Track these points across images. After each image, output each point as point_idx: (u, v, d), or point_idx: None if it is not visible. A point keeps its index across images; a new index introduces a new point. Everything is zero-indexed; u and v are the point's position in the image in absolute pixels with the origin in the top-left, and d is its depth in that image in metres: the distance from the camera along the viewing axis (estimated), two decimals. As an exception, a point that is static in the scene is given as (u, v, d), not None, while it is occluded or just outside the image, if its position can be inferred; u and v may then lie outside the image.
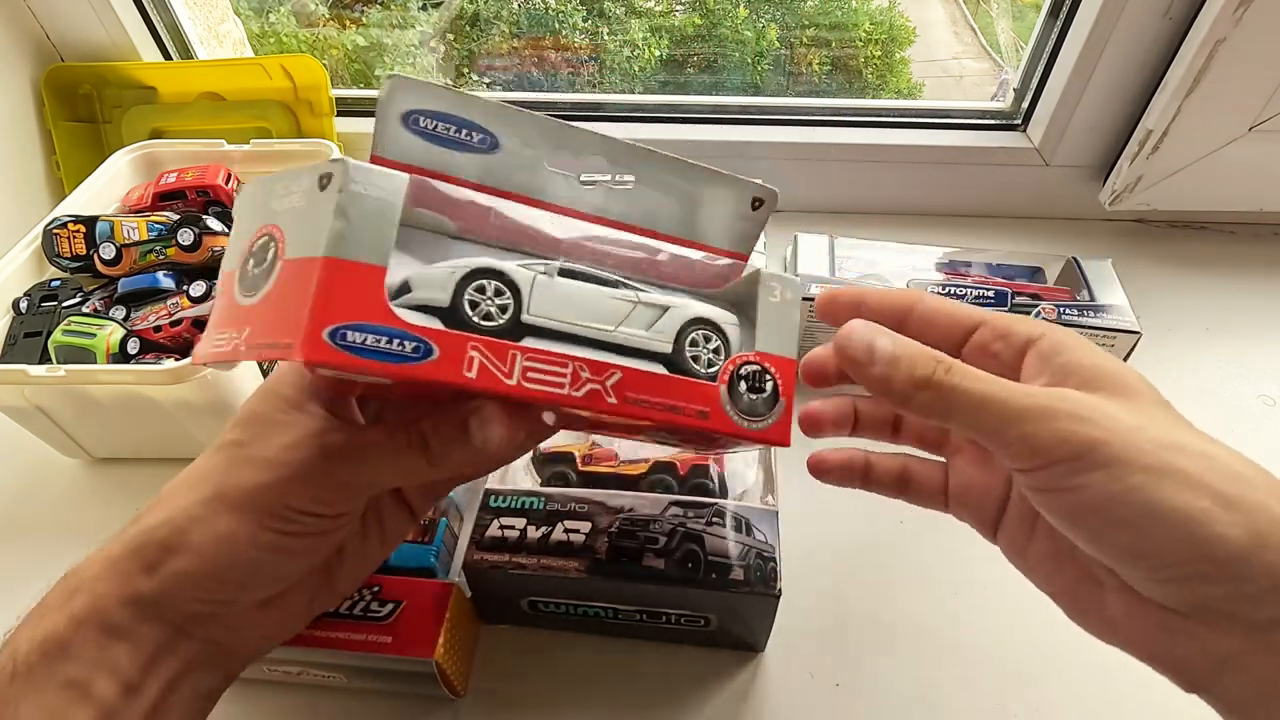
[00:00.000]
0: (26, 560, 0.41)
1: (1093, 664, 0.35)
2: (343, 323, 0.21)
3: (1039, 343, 0.24)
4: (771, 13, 2.44)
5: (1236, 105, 0.50)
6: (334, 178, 0.21)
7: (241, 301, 0.22)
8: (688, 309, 0.26)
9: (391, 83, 0.24)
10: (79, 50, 0.60)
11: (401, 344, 0.21)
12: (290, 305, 0.21)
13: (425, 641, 0.31)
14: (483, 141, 0.25)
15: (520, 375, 0.23)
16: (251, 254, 0.22)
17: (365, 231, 0.21)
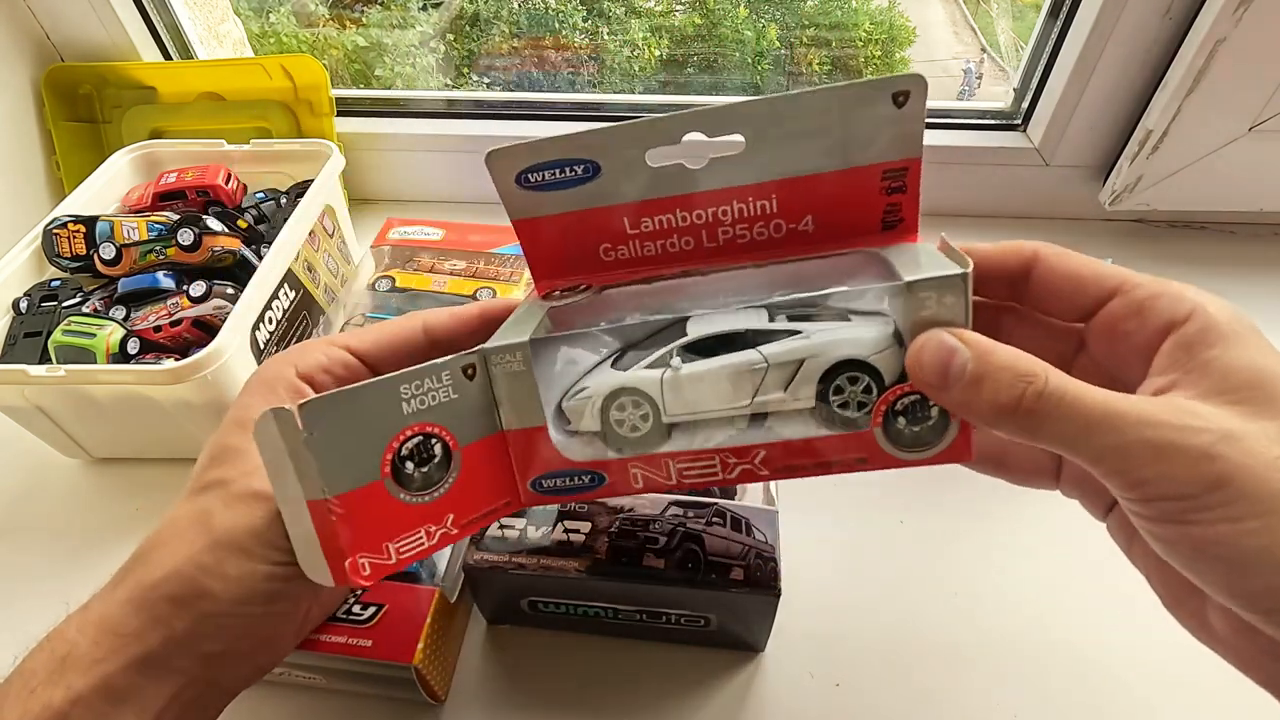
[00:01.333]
0: (27, 560, 0.41)
1: (1092, 664, 0.35)
2: (538, 475, 0.27)
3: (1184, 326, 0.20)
4: (771, 13, 2.44)
5: (1236, 105, 0.50)
6: (477, 368, 0.25)
7: (421, 500, 0.25)
8: (826, 354, 0.24)
9: (491, 158, 0.26)
10: (79, 50, 0.60)
11: (581, 479, 0.27)
12: (490, 477, 0.26)
13: (405, 646, 0.31)
14: (586, 170, 0.27)
15: (678, 476, 0.26)
16: (404, 459, 0.24)
17: (519, 401, 0.25)
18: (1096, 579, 0.38)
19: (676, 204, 0.27)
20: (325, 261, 0.51)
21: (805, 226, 0.27)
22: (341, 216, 0.55)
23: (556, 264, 0.29)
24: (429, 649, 0.31)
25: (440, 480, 0.25)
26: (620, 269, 0.29)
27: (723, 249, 0.28)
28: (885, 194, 0.26)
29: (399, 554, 0.24)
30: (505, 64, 2.41)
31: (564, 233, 0.28)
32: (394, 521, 0.24)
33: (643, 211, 0.27)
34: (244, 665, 0.26)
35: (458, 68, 2.32)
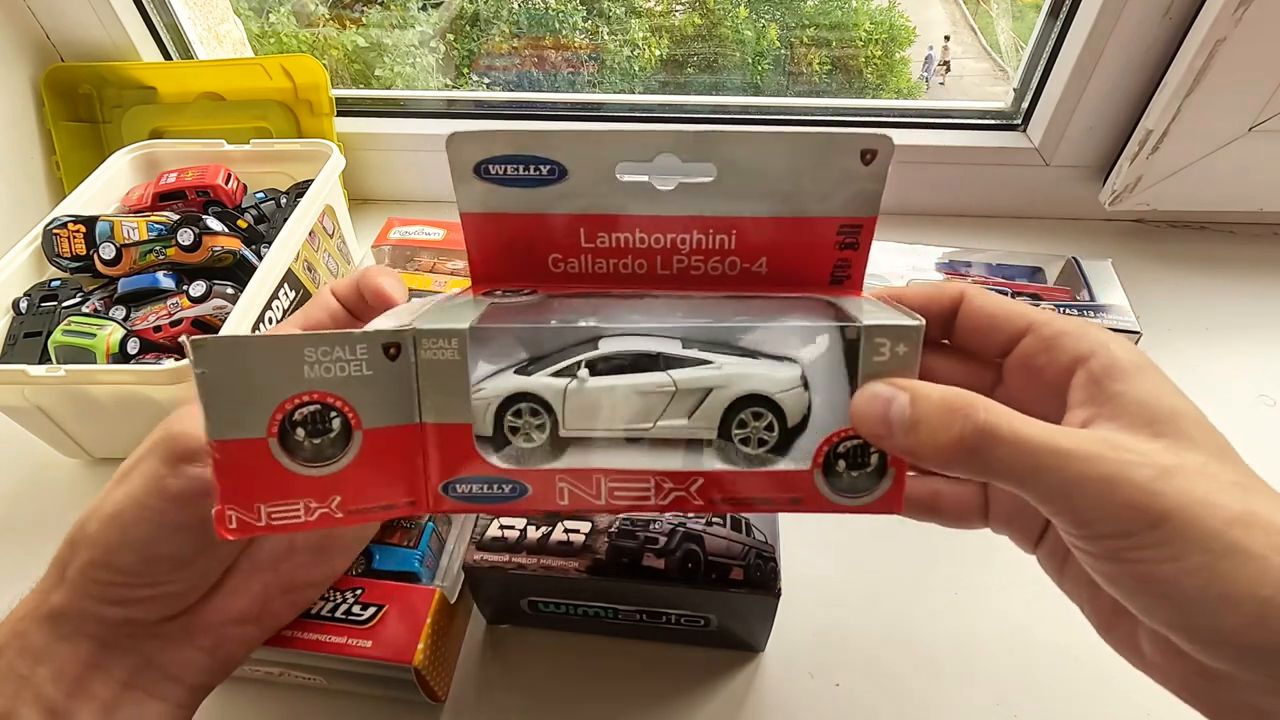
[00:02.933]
0: (27, 560, 0.41)
1: (1092, 664, 0.35)
2: (452, 478, 0.24)
3: (1089, 363, 0.21)
4: (771, 13, 2.44)
5: (1236, 105, 0.50)
6: (403, 348, 0.22)
7: (307, 471, 0.23)
8: (734, 386, 0.24)
9: (453, 140, 0.25)
10: (79, 50, 0.60)
11: (500, 488, 0.24)
12: (392, 469, 0.23)
13: (405, 647, 0.31)
14: (551, 172, 0.26)
15: (607, 495, 0.24)
16: (295, 424, 0.22)
17: (446, 394, 0.23)
18: (1096, 579, 0.38)
19: (638, 223, 0.26)
20: (325, 261, 0.51)
21: (759, 268, 0.27)
22: (341, 216, 0.55)
23: (501, 267, 0.28)
24: (429, 649, 0.31)
25: (332, 457, 0.23)
26: (567, 282, 0.28)
27: (675, 278, 0.27)
28: (838, 248, 0.26)
29: (270, 519, 0.22)
30: (505, 64, 2.41)
31: (515, 235, 0.27)
32: (273, 485, 0.22)
33: (602, 226, 0.26)
34: (182, 646, 0.25)
35: (458, 68, 2.32)
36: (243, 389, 0.22)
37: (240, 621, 0.26)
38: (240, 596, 0.26)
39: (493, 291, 0.27)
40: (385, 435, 0.23)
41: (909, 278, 0.48)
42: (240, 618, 0.26)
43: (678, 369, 0.24)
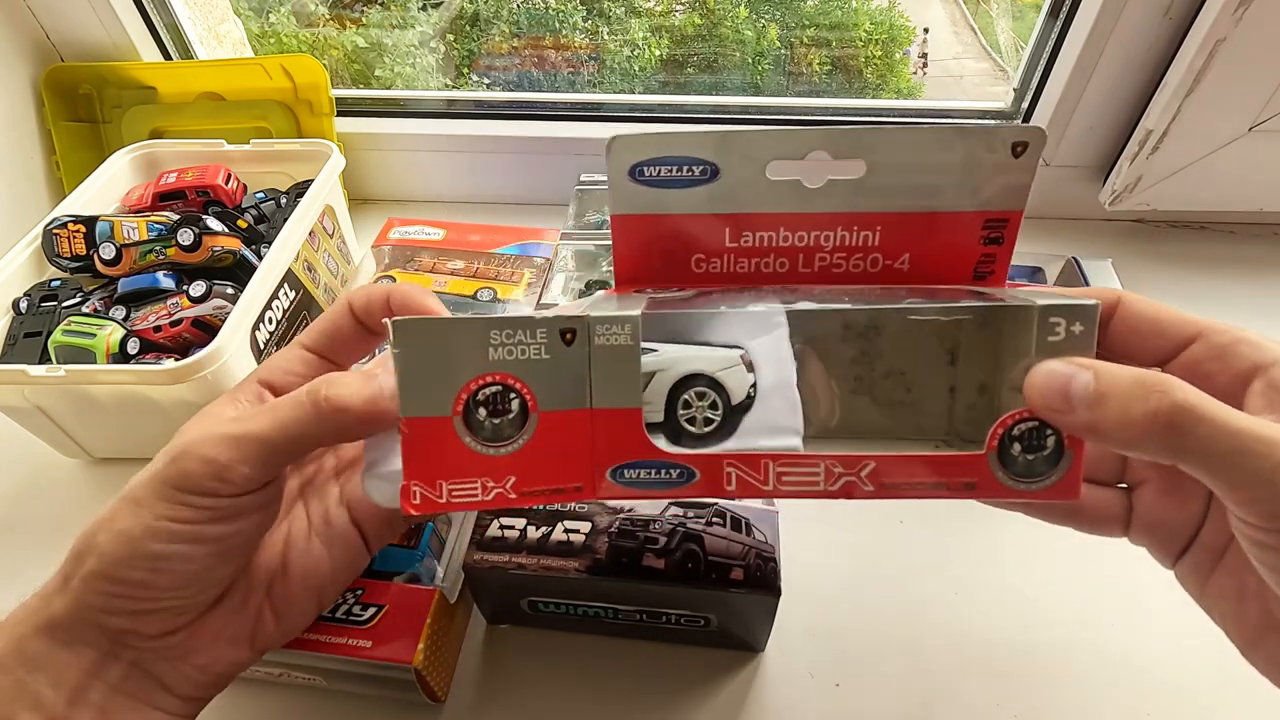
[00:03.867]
0: (27, 560, 0.41)
1: (1092, 664, 0.35)
2: (621, 463, 0.24)
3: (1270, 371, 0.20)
4: (771, 13, 2.44)
5: (1236, 105, 0.50)
6: (578, 333, 0.23)
7: (485, 451, 0.24)
8: (675, 368, 0.25)
9: (614, 144, 0.25)
10: (79, 50, 0.60)
11: (669, 473, 0.24)
12: (563, 452, 0.24)
13: (405, 647, 0.31)
14: (704, 172, 0.26)
15: (776, 481, 0.24)
16: (478, 403, 0.23)
17: (618, 380, 0.23)
18: (1097, 579, 0.38)
19: (782, 221, 0.27)
20: (325, 261, 0.51)
21: (901, 264, 0.27)
22: (341, 216, 0.55)
23: (646, 268, 0.28)
24: (429, 649, 0.31)
25: (511, 437, 0.24)
26: (709, 282, 0.28)
27: (816, 275, 0.27)
28: (982, 243, 0.26)
29: (451, 496, 0.24)
30: (505, 64, 2.41)
31: (662, 236, 0.27)
32: (455, 463, 0.23)
33: (748, 224, 0.27)
34: (179, 661, 0.25)
35: (458, 68, 2.32)
36: (434, 368, 0.23)
37: (234, 641, 0.26)
38: (236, 617, 0.26)
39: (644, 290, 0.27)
40: (558, 419, 0.24)
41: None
42: (234, 637, 0.26)
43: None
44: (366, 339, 0.29)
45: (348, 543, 0.29)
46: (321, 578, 0.28)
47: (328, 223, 0.52)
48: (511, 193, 0.66)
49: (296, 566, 0.28)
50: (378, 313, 0.28)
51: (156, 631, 0.24)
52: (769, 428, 0.24)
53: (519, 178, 0.64)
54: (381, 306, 0.28)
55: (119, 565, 0.23)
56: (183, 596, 0.24)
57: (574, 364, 0.23)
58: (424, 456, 0.23)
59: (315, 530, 0.28)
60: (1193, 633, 0.36)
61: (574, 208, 0.53)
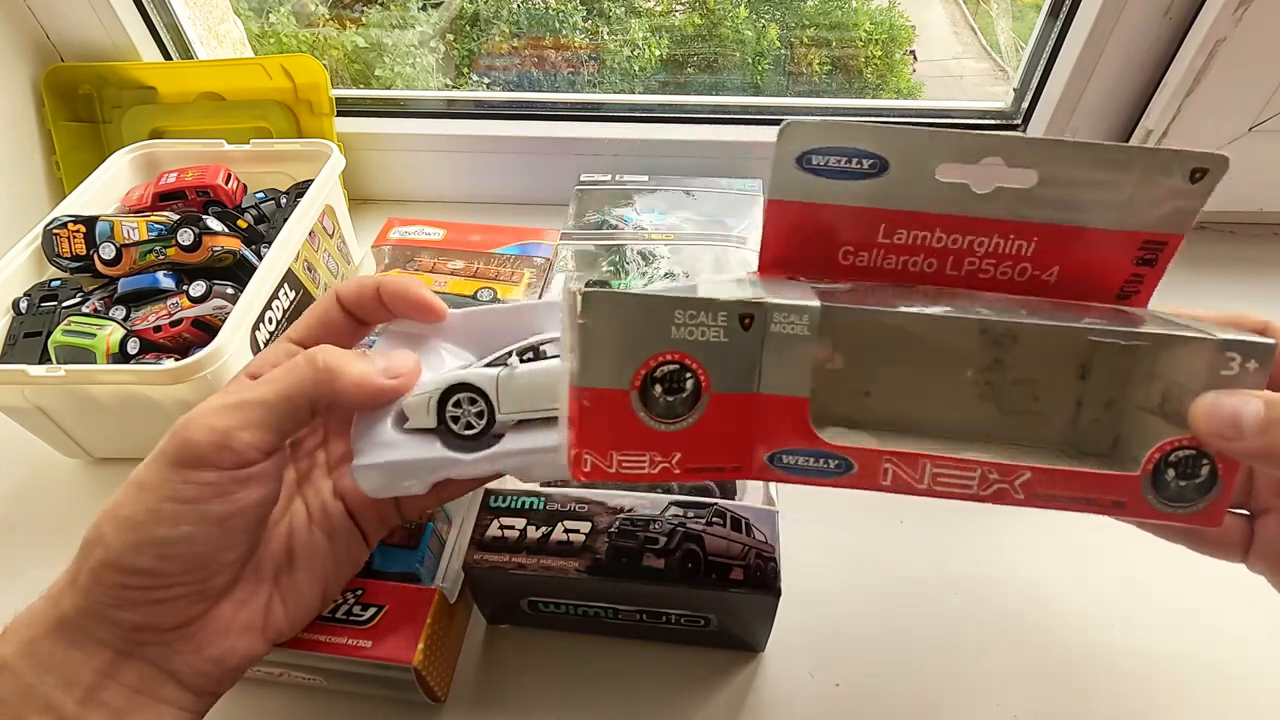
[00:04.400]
0: (27, 560, 0.41)
1: (1093, 664, 0.35)
2: (780, 449, 0.25)
3: None
4: (771, 13, 2.44)
5: (1236, 105, 0.50)
6: (755, 319, 0.23)
7: (657, 427, 0.24)
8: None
9: (787, 129, 0.25)
10: (79, 50, 0.60)
11: (826, 462, 0.25)
12: (728, 433, 0.25)
13: (405, 647, 0.31)
14: (873, 166, 0.26)
15: (931, 480, 0.25)
16: (656, 380, 0.24)
17: (788, 367, 0.24)
18: (1098, 579, 0.38)
19: (938, 222, 0.27)
20: (325, 261, 0.51)
21: (1048, 277, 0.27)
22: (341, 216, 0.55)
23: (792, 254, 0.28)
24: (429, 649, 0.31)
25: (682, 415, 0.24)
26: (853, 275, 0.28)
27: (962, 279, 0.28)
28: (1134, 263, 0.27)
29: (621, 467, 0.24)
30: (505, 64, 2.41)
31: (814, 224, 0.27)
32: (627, 436, 0.24)
33: (904, 222, 0.27)
34: (193, 654, 0.25)
35: (458, 68, 2.32)
36: (618, 342, 0.23)
37: (246, 631, 0.26)
38: (246, 606, 0.26)
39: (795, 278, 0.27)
40: (727, 400, 0.24)
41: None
42: (246, 627, 0.26)
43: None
44: (355, 330, 0.30)
45: (346, 534, 0.29)
46: (326, 567, 0.29)
47: (328, 223, 0.52)
48: (511, 193, 0.66)
49: (301, 557, 0.28)
50: (368, 304, 0.29)
51: (170, 623, 0.24)
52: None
53: (519, 178, 0.64)
54: (372, 297, 0.29)
55: (126, 553, 0.23)
56: (192, 582, 0.24)
57: (748, 348, 0.24)
58: (597, 427, 0.24)
59: (315, 522, 0.29)
60: (1194, 629, 0.36)
61: (574, 208, 0.53)
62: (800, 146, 0.25)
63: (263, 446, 0.25)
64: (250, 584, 0.27)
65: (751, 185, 0.54)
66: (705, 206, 0.52)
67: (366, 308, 0.29)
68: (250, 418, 0.24)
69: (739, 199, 0.53)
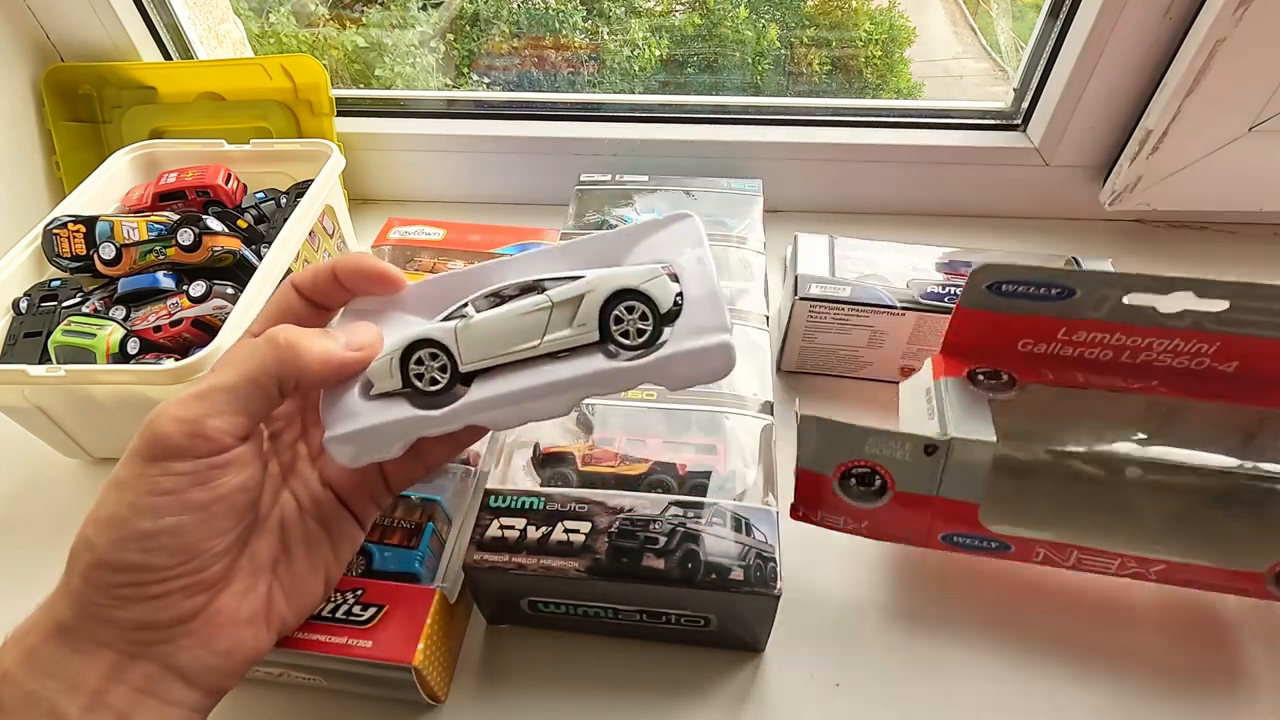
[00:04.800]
0: (27, 560, 0.41)
1: (1092, 662, 0.35)
2: (952, 532, 0.33)
3: None
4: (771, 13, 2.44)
5: (1236, 105, 0.50)
6: (939, 450, 0.31)
7: (852, 504, 0.34)
8: (601, 287, 0.26)
9: (981, 271, 0.30)
10: (79, 50, 0.60)
11: (989, 544, 0.33)
12: (907, 518, 0.33)
13: (405, 647, 0.31)
14: (1060, 294, 0.30)
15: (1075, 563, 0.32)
16: (850, 475, 0.33)
17: (965, 482, 0.31)
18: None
19: (1121, 329, 0.30)
20: (325, 261, 0.51)
21: (1227, 368, 0.30)
22: (341, 216, 0.55)
23: (974, 344, 0.33)
24: (429, 649, 0.31)
25: (871, 501, 0.33)
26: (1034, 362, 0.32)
27: (1136, 367, 0.30)
28: None
29: (822, 520, 0.35)
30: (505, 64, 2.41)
31: (999, 326, 0.31)
32: (829, 504, 0.34)
33: (1087, 327, 0.30)
34: (197, 650, 0.25)
35: (458, 68, 2.32)
36: (826, 446, 0.32)
37: (251, 622, 0.26)
38: (247, 598, 0.26)
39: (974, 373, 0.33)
40: (909, 497, 0.32)
41: (909, 278, 0.47)
42: (250, 618, 0.26)
43: (553, 288, 0.27)
44: (316, 316, 0.30)
45: (339, 519, 0.30)
46: (324, 554, 0.29)
47: (328, 223, 0.52)
48: (511, 193, 0.66)
49: (298, 546, 0.28)
50: (325, 286, 0.29)
51: (169, 619, 0.24)
52: (696, 329, 0.26)
53: (519, 178, 0.64)
54: (328, 279, 0.29)
55: (113, 550, 0.23)
56: (184, 574, 0.24)
57: (930, 466, 0.31)
58: (809, 495, 0.34)
59: (307, 511, 0.29)
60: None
61: (574, 208, 0.53)
62: (992, 278, 0.29)
63: (235, 431, 0.25)
64: (248, 575, 0.27)
65: (751, 185, 0.54)
66: (705, 206, 0.52)
67: (324, 291, 0.29)
68: (217, 404, 0.24)
69: (739, 199, 0.53)
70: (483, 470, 0.39)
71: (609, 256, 0.29)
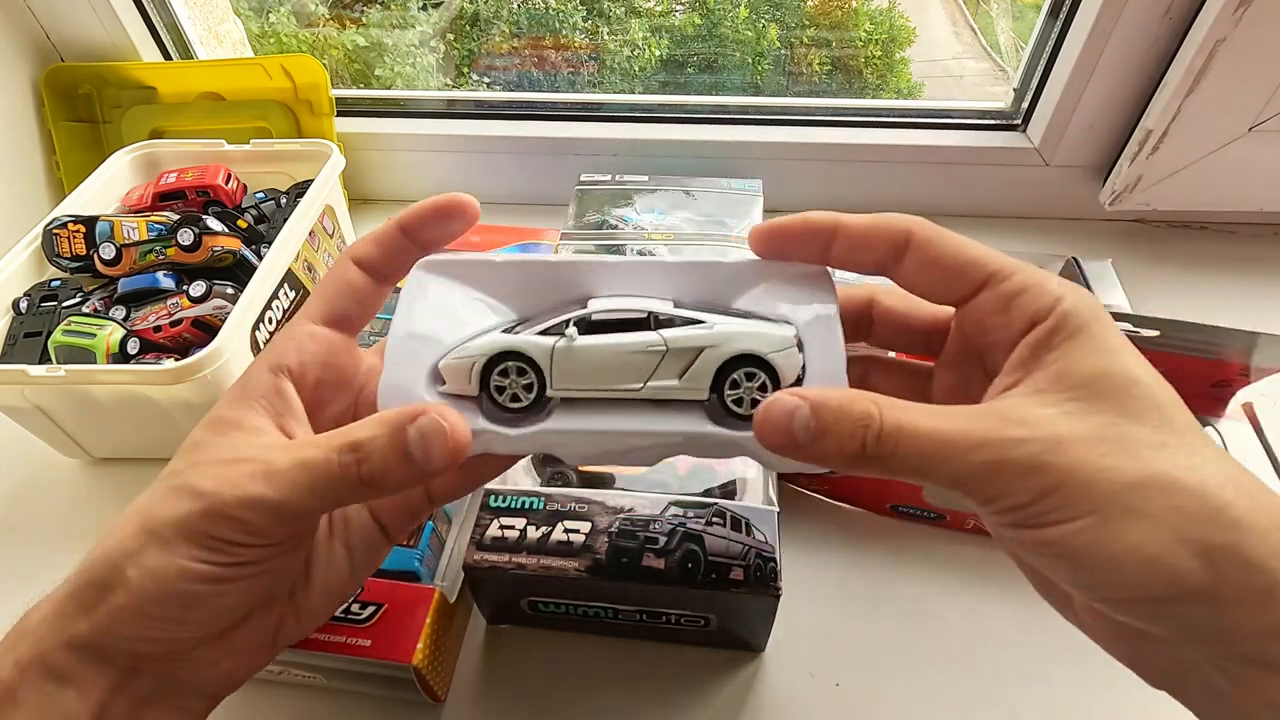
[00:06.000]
0: (27, 560, 0.41)
1: (1092, 661, 0.35)
2: (899, 504, 0.39)
3: (1039, 327, 0.21)
4: (771, 13, 2.44)
5: (1236, 105, 0.50)
6: None
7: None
8: (726, 345, 0.24)
9: None
10: (79, 50, 0.60)
11: (928, 515, 0.40)
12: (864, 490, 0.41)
13: (405, 646, 0.31)
14: None
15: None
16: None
17: None
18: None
19: None
20: (325, 261, 0.51)
21: None
22: (341, 216, 0.55)
23: None
24: (429, 649, 0.31)
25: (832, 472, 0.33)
26: None
27: None
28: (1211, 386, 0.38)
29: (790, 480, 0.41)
30: (505, 64, 2.41)
31: None
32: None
33: None
34: (204, 669, 0.25)
35: (458, 67, 2.32)
36: None
37: (259, 648, 0.26)
38: (260, 627, 0.26)
39: None
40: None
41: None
42: (259, 645, 0.26)
43: (668, 329, 0.24)
44: (378, 292, 0.28)
45: (367, 539, 0.28)
46: (342, 579, 0.28)
47: (328, 223, 0.52)
48: (511, 193, 0.66)
49: (319, 572, 0.27)
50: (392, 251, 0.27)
51: (184, 651, 0.24)
52: None
53: (519, 178, 0.64)
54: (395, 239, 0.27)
55: (150, 603, 0.22)
56: (214, 626, 0.24)
57: None
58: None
59: (335, 532, 0.27)
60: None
61: (574, 208, 0.53)
62: None
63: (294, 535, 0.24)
64: (264, 607, 0.26)
65: (751, 185, 0.54)
66: (705, 206, 0.52)
67: (392, 256, 0.27)
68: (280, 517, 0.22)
69: (739, 199, 0.53)
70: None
71: (722, 290, 0.26)
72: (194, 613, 0.23)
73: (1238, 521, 0.18)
